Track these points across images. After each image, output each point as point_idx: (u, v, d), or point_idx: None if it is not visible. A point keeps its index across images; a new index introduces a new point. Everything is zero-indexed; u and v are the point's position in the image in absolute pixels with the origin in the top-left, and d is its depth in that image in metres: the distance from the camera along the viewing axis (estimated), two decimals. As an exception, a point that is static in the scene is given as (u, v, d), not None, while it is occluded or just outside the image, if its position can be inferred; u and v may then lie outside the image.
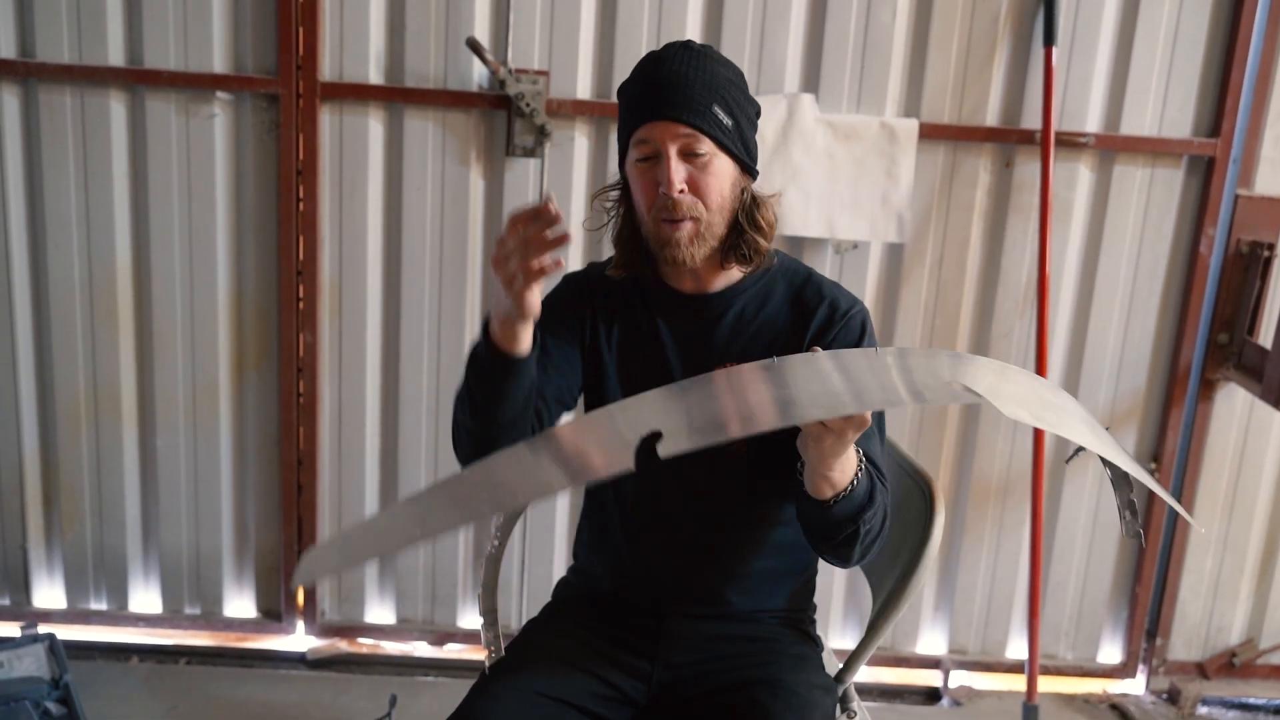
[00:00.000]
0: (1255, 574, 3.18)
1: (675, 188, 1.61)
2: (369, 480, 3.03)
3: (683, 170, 1.62)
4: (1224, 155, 2.86)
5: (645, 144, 1.64)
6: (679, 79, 1.61)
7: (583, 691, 1.68)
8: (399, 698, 2.75)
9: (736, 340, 1.73)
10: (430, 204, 2.86)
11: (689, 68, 1.62)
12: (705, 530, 1.76)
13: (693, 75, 1.62)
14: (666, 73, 1.62)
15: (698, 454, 1.71)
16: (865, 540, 1.60)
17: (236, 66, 2.80)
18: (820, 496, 1.52)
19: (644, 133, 1.63)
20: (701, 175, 1.63)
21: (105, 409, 2.96)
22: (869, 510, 1.56)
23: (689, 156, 1.62)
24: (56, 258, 2.87)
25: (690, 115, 1.60)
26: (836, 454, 1.46)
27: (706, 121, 1.61)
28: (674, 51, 1.65)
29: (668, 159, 1.61)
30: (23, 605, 3.10)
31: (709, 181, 1.63)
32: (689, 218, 1.63)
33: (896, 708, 3.06)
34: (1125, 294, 2.96)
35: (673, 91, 1.61)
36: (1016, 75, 2.84)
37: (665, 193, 1.62)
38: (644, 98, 1.64)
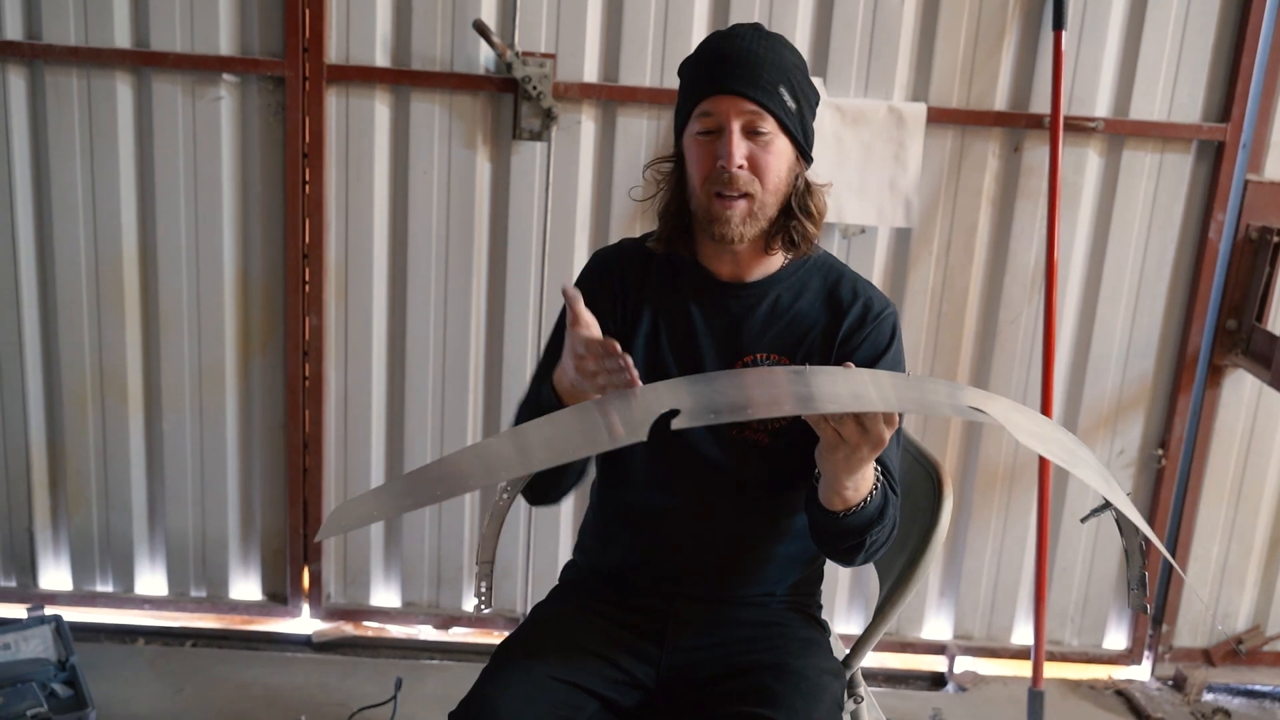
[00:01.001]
0: (1262, 561, 3.18)
1: (735, 162, 1.61)
2: (374, 463, 3.03)
3: (744, 146, 1.62)
4: (1234, 140, 2.85)
5: (708, 117, 1.64)
6: (749, 56, 1.62)
7: (594, 675, 1.68)
8: (404, 681, 2.76)
9: (769, 330, 1.72)
10: (436, 187, 2.85)
11: (760, 46, 1.63)
12: (716, 515, 1.76)
13: (762, 54, 1.63)
14: (737, 49, 1.63)
15: (713, 441, 1.72)
16: (870, 549, 1.62)
17: (243, 49, 2.79)
18: (831, 508, 1.54)
19: (709, 105, 1.63)
20: (762, 154, 1.63)
21: (111, 392, 2.96)
22: (878, 525, 1.58)
23: (751, 134, 1.63)
24: (62, 241, 2.86)
25: (757, 92, 1.61)
26: (851, 470, 1.47)
27: (772, 100, 1.62)
28: (744, 30, 1.66)
29: (730, 133, 1.61)
30: (29, 587, 3.10)
31: (768, 161, 1.63)
32: (744, 194, 1.63)
33: (902, 693, 3.07)
34: (1133, 279, 2.95)
35: (742, 67, 1.61)
36: (1026, 59, 2.82)
37: (724, 166, 1.61)
38: (712, 70, 1.64)
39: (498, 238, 2.89)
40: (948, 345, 2.97)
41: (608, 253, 1.85)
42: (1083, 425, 3.02)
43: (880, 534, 1.60)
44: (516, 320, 2.92)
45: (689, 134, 1.68)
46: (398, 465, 3.03)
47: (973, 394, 1.40)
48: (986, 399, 1.40)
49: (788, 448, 1.70)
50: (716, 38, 1.68)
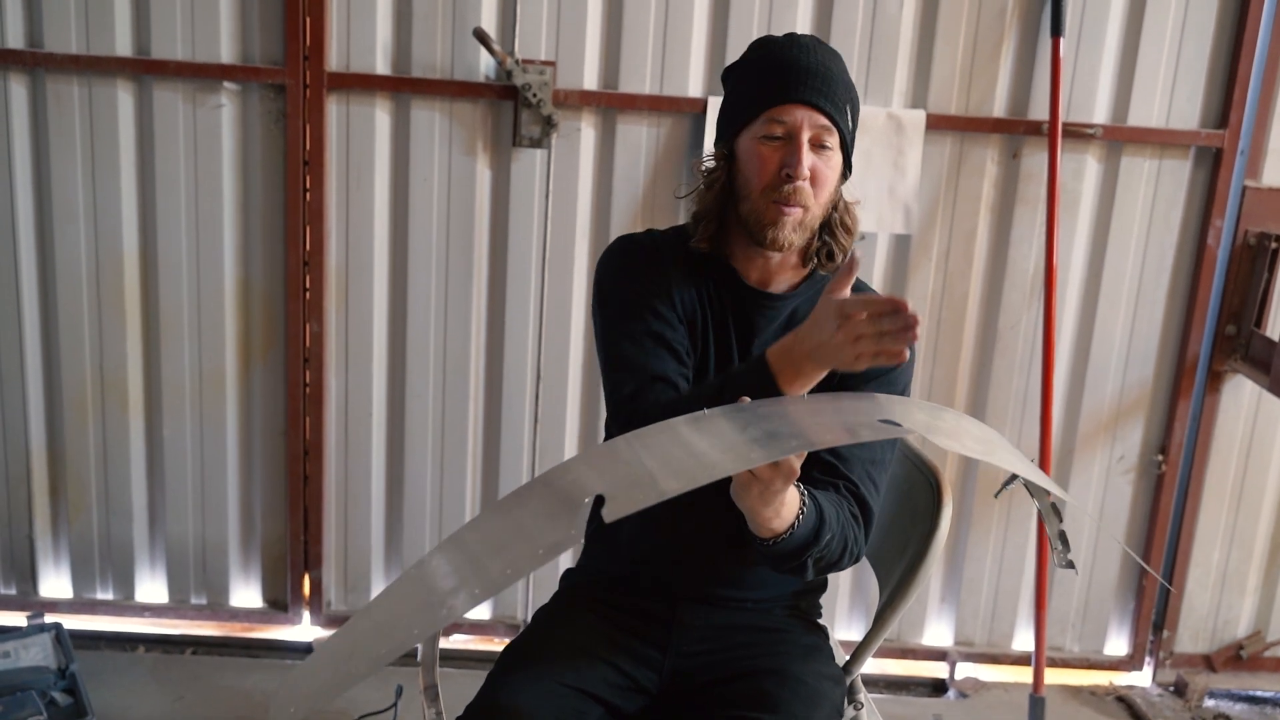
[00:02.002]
0: (1263, 566, 3.18)
1: (803, 173, 1.62)
2: (375, 470, 3.03)
3: (811, 159, 1.63)
4: (1232, 146, 2.86)
5: (779, 124, 1.64)
6: (824, 69, 1.64)
7: (599, 680, 1.68)
8: (405, 688, 2.76)
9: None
10: (437, 194, 2.86)
11: (832, 61, 1.66)
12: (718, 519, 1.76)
13: (835, 70, 1.66)
14: (812, 60, 1.64)
15: None
16: (819, 565, 1.60)
17: (244, 57, 2.80)
18: (761, 536, 1.51)
19: (782, 113, 1.63)
20: (823, 167, 1.64)
21: (112, 399, 2.96)
22: (814, 547, 1.54)
23: (817, 147, 1.64)
24: (64, 248, 2.87)
25: (831, 107, 1.63)
26: (767, 502, 1.44)
27: (842, 117, 1.65)
28: (811, 42, 1.68)
29: (800, 145, 1.62)
30: (29, 595, 3.10)
31: (828, 175, 1.65)
32: (801, 205, 1.64)
33: (903, 699, 3.07)
34: (1132, 285, 2.96)
35: (819, 80, 1.63)
36: (1024, 66, 2.83)
37: (790, 175, 1.62)
38: (788, 78, 1.64)
39: (498, 245, 2.90)
40: (947, 352, 2.98)
41: (642, 241, 1.80)
42: (1082, 431, 3.02)
43: (824, 551, 1.57)
44: (517, 327, 2.92)
45: (750, 137, 1.67)
46: (398, 472, 3.03)
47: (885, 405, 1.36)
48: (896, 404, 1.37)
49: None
50: (780, 45, 1.68)
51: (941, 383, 2.99)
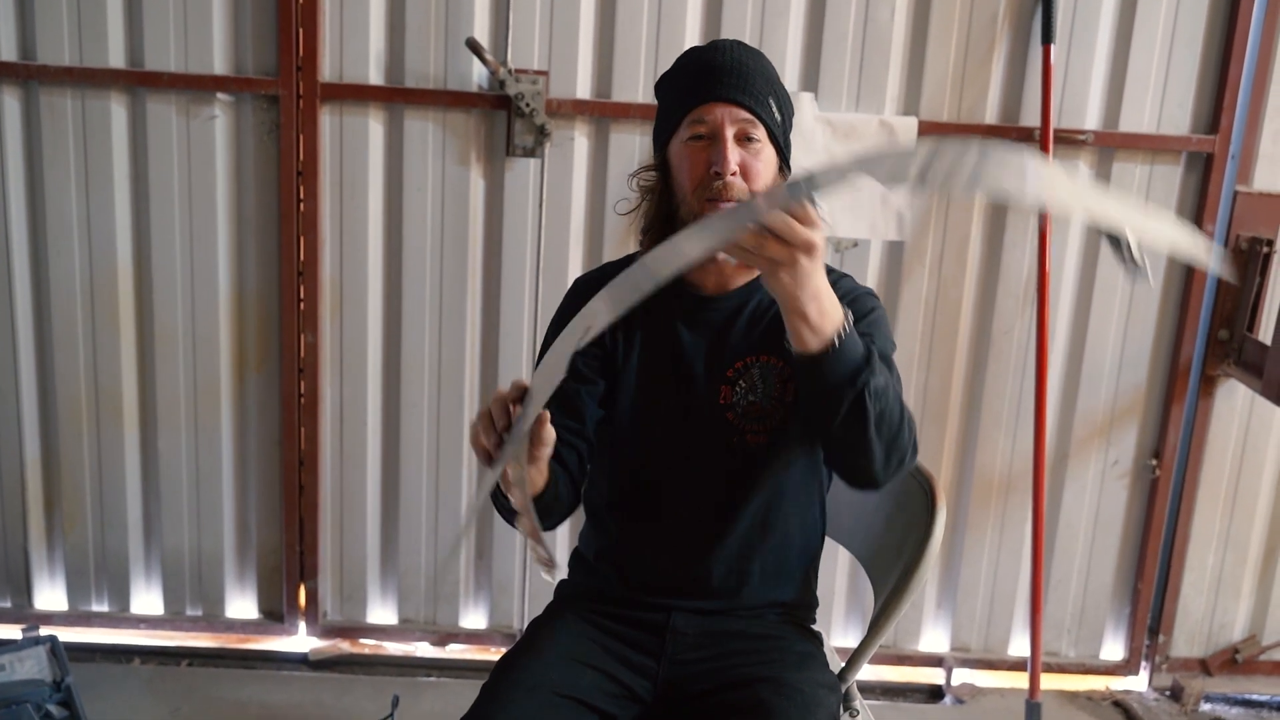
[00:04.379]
0: (1257, 570, 3.18)
1: (730, 168, 1.62)
2: (370, 480, 3.03)
3: (737, 154, 1.64)
4: (1222, 151, 2.86)
5: (701, 124, 1.65)
6: (741, 66, 1.66)
7: (593, 689, 1.68)
8: (401, 698, 2.76)
9: (753, 333, 1.74)
10: (430, 204, 2.86)
11: (749, 58, 1.68)
12: (712, 528, 1.76)
13: (752, 65, 1.67)
14: (728, 60, 1.66)
15: (706, 448, 1.73)
16: (881, 426, 1.51)
17: (237, 68, 2.80)
18: (806, 348, 1.46)
19: (702, 112, 1.65)
20: (753, 161, 1.65)
21: (106, 410, 2.96)
22: (867, 372, 1.48)
23: (743, 141, 1.65)
24: (58, 259, 2.87)
25: (751, 100, 1.64)
26: (801, 284, 1.40)
27: (764, 109, 1.65)
28: (728, 44, 1.70)
29: (724, 140, 1.63)
30: (24, 607, 3.10)
31: (759, 169, 1.65)
32: (736, 201, 1.63)
33: (899, 706, 3.07)
34: (1125, 291, 2.96)
35: (735, 76, 1.65)
36: (1015, 73, 2.84)
37: (718, 172, 1.62)
38: (705, 79, 1.66)
39: (492, 254, 2.90)
40: (941, 357, 2.98)
41: (590, 279, 1.85)
42: (1077, 436, 3.03)
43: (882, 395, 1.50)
44: (511, 336, 2.93)
45: (678, 141, 1.68)
46: (393, 481, 3.03)
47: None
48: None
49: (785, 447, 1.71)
50: (704, 49, 1.70)
51: (935, 388, 3.00)
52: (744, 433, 1.73)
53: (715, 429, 1.73)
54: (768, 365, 1.72)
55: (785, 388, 1.72)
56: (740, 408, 1.72)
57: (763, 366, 1.72)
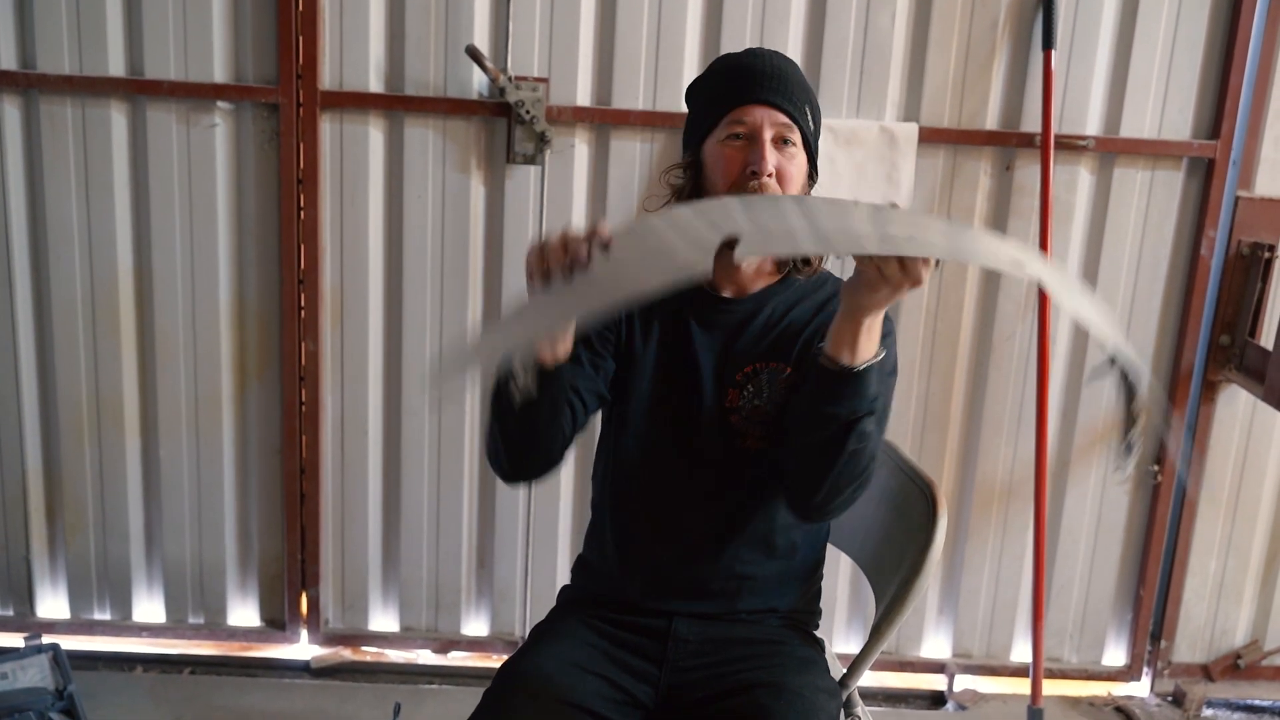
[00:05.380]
0: (1259, 575, 3.18)
1: (768, 169, 1.65)
2: (372, 488, 3.03)
3: (774, 156, 1.67)
4: (1224, 157, 2.86)
5: (740, 124, 1.68)
6: (781, 73, 1.70)
7: (595, 695, 1.68)
8: (403, 706, 2.76)
9: (764, 340, 1.75)
10: (431, 211, 2.86)
11: (788, 66, 1.72)
12: (714, 533, 1.77)
13: (791, 73, 1.71)
14: (767, 65, 1.70)
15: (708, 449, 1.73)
16: (845, 466, 1.56)
17: (237, 76, 2.81)
18: (837, 356, 1.51)
19: (742, 113, 1.68)
20: (788, 165, 1.68)
21: (108, 419, 2.96)
22: (867, 413, 1.53)
23: (779, 144, 1.68)
24: (58, 268, 2.87)
25: (789, 105, 1.68)
26: (878, 308, 1.47)
27: (801, 116, 1.69)
28: (769, 52, 1.74)
29: (763, 142, 1.66)
30: (26, 616, 3.10)
31: (793, 172, 1.69)
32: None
33: (901, 712, 3.06)
34: (1127, 296, 2.96)
35: (776, 80, 1.69)
36: (1016, 79, 2.84)
37: (755, 172, 1.65)
38: (746, 81, 1.69)
39: (492, 262, 2.90)
40: (943, 363, 2.98)
41: None
42: (1078, 443, 3.03)
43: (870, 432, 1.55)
44: (512, 343, 2.92)
45: (714, 141, 1.71)
46: (394, 489, 3.03)
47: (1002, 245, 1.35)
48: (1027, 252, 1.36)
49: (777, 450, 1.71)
50: (739, 56, 1.75)
51: (937, 395, 3.00)
52: (746, 436, 1.74)
53: (718, 431, 1.74)
54: (775, 372, 1.73)
55: (790, 395, 1.72)
56: (745, 411, 1.73)
57: (770, 373, 1.73)
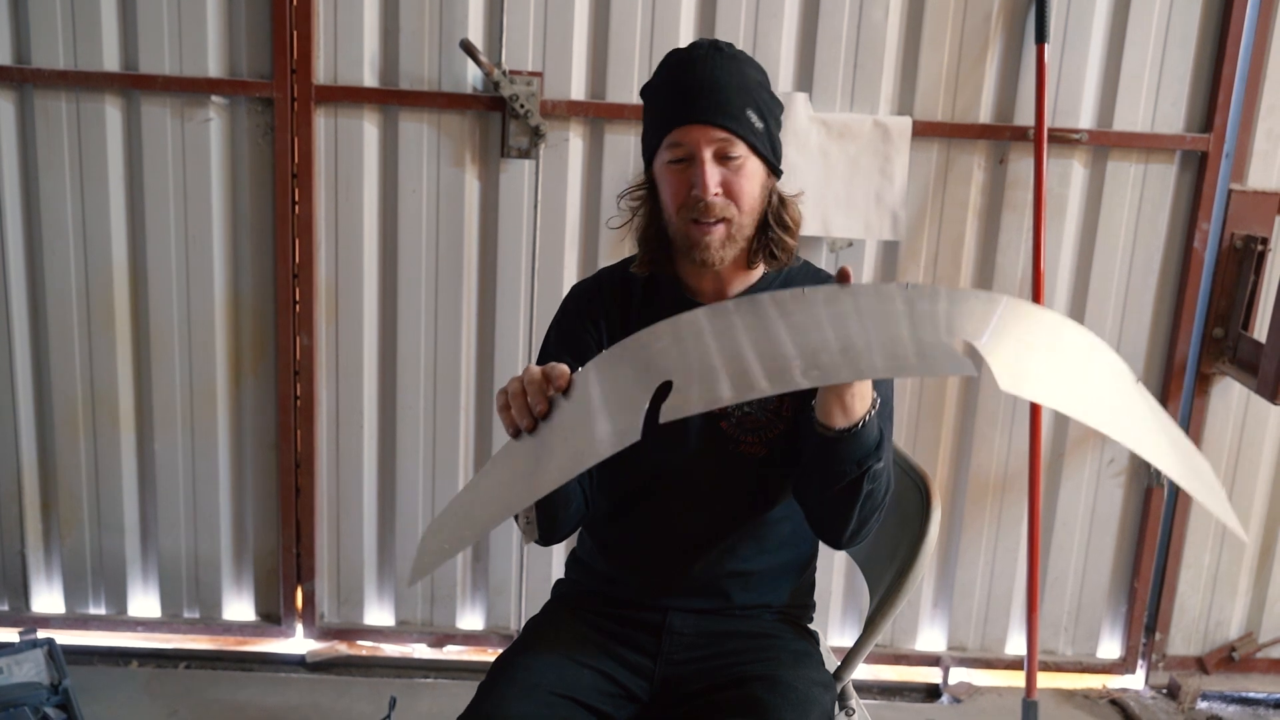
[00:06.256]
0: (1254, 568, 3.19)
1: (710, 191, 1.63)
2: (367, 482, 3.03)
3: (717, 173, 1.63)
4: (1217, 150, 2.87)
5: (679, 146, 1.64)
6: (714, 83, 1.62)
7: (590, 688, 1.69)
8: (398, 700, 2.76)
9: None
10: (426, 206, 2.86)
11: (722, 71, 1.64)
12: (708, 528, 1.77)
13: (726, 79, 1.63)
14: (700, 76, 1.63)
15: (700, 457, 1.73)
16: (866, 504, 1.58)
17: (231, 71, 2.80)
18: (830, 423, 1.50)
19: (678, 135, 1.64)
20: (735, 178, 1.64)
21: (103, 414, 2.96)
22: (875, 459, 1.54)
23: (723, 159, 1.64)
24: (53, 263, 2.87)
25: (726, 119, 1.62)
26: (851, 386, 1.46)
27: (741, 125, 1.63)
28: (705, 53, 1.66)
29: (702, 162, 1.63)
30: (21, 610, 3.10)
31: (742, 184, 1.65)
32: (721, 219, 1.64)
33: (896, 705, 3.07)
34: (1120, 289, 2.97)
35: (708, 95, 1.62)
36: (1009, 72, 2.84)
37: (699, 195, 1.63)
38: (679, 100, 1.64)
39: (487, 255, 2.90)
40: (937, 357, 2.98)
41: (586, 286, 1.86)
42: (1072, 436, 3.03)
43: (878, 480, 1.57)
44: (507, 337, 2.93)
45: (660, 163, 1.69)
46: (389, 484, 3.03)
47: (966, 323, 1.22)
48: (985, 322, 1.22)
49: (783, 458, 1.71)
50: (678, 63, 1.68)
51: (931, 388, 3.00)
52: (739, 443, 1.73)
53: (710, 439, 1.73)
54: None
55: (781, 400, 1.72)
56: (735, 418, 1.72)
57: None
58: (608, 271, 1.86)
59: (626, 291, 1.81)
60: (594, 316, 1.80)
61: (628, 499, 1.80)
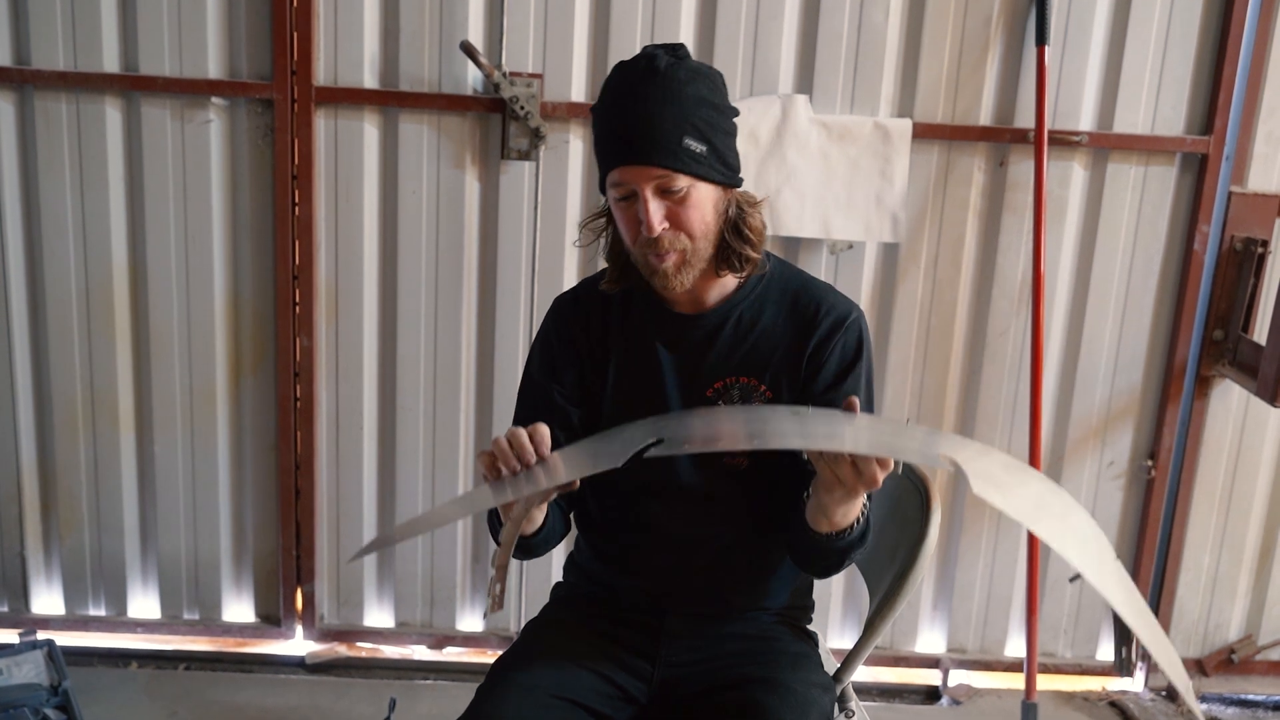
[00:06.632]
0: (1253, 570, 3.19)
1: (655, 229, 1.60)
2: (366, 484, 3.03)
3: (661, 209, 1.60)
4: (1217, 152, 2.87)
5: (621, 185, 1.62)
6: (646, 119, 1.57)
7: (589, 690, 1.69)
8: (398, 701, 2.75)
9: (735, 353, 1.73)
10: (425, 207, 2.86)
11: (656, 103, 1.57)
12: (705, 533, 1.77)
13: (659, 110, 1.57)
14: (635, 112, 1.58)
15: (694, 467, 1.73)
16: (846, 562, 1.66)
17: (231, 72, 2.80)
18: (817, 529, 1.55)
19: (618, 175, 1.61)
20: (680, 209, 1.61)
21: (102, 415, 2.96)
22: (859, 548, 1.61)
23: (666, 193, 1.60)
24: (53, 264, 2.87)
25: (662, 158, 1.57)
26: (838, 504, 1.49)
27: (679, 159, 1.58)
28: (639, 77, 1.60)
29: (645, 201, 1.59)
30: (21, 612, 3.10)
31: (689, 214, 1.61)
32: (673, 250, 1.63)
33: (896, 707, 3.07)
34: (1120, 292, 2.97)
35: (643, 134, 1.57)
36: (1009, 74, 2.84)
37: (645, 234, 1.61)
38: (614, 140, 1.61)
39: (487, 257, 2.90)
40: (937, 359, 2.98)
41: (565, 301, 1.85)
42: (1072, 437, 3.03)
43: (859, 554, 1.65)
44: (507, 339, 2.93)
45: (610, 197, 1.67)
46: (389, 485, 3.03)
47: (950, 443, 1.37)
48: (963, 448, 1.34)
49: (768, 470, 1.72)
50: (614, 92, 1.63)
51: (931, 390, 3.00)
52: (721, 456, 1.73)
53: (694, 454, 1.72)
54: (748, 387, 1.72)
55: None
56: None
57: (743, 388, 1.72)
58: (587, 284, 1.86)
59: (605, 302, 1.80)
60: (572, 337, 1.80)
61: (621, 507, 1.80)
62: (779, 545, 1.78)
